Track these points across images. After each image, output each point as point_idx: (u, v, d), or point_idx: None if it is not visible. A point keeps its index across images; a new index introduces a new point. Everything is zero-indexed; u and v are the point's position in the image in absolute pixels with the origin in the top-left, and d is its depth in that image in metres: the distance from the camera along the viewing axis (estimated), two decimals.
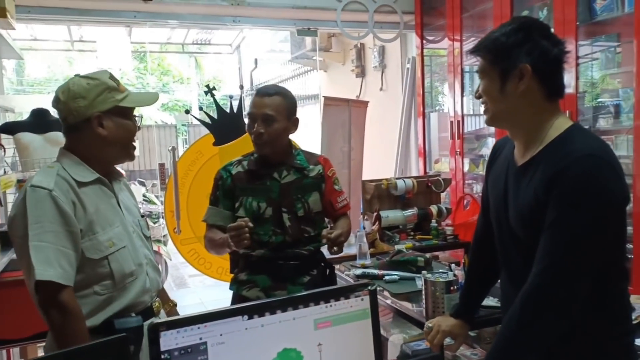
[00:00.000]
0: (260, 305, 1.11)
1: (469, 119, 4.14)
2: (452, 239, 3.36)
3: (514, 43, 1.23)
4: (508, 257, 1.37)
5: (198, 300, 5.30)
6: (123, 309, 1.49)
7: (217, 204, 1.96)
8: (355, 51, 5.73)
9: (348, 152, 3.76)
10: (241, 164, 1.99)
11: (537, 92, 1.25)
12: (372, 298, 1.20)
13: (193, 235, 3.90)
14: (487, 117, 1.34)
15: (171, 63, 17.19)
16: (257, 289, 1.92)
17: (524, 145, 1.31)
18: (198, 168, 3.93)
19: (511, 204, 1.31)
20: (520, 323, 1.19)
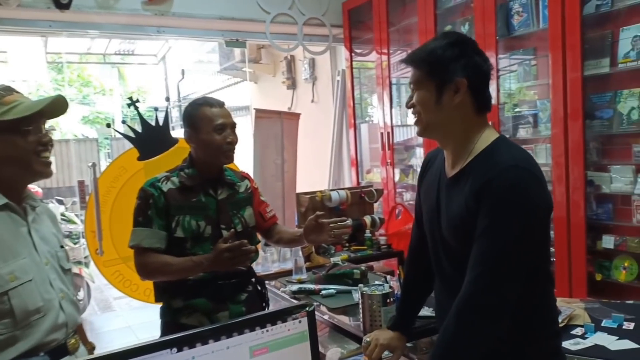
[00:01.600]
0: (191, 335, 1.03)
1: (398, 129, 4.22)
2: (385, 248, 3.40)
3: (450, 57, 1.26)
4: (441, 267, 1.38)
5: (125, 324, 5.02)
6: (30, 349, 1.34)
7: (151, 225, 1.78)
8: (285, 63, 5.71)
9: (281, 164, 3.70)
10: (170, 180, 1.83)
11: (469, 106, 1.28)
12: (310, 319, 1.15)
13: (117, 257, 3.68)
14: (419, 127, 1.35)
15: (92, 74, 16.39)
16: (198, 314, 1.81)
17: (454, 157, 1.33)
18: (121, 185, 3.71)
19: (443, 215, 1.33)
20: (457, 331, 1.19)
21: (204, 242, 1.81)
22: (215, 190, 1.88)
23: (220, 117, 1.83)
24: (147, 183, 1.83)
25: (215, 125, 1.81)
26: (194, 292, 1.81)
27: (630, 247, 2.50)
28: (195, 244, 1.80)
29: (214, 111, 1.84)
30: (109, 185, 3.66)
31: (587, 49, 2.63)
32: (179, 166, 1.89)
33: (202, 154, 1.84)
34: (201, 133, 1.81)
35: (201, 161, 1.85)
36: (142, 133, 3.72)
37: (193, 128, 1.83)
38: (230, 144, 1.85)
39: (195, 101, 1.90)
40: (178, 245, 1.79)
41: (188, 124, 1.85)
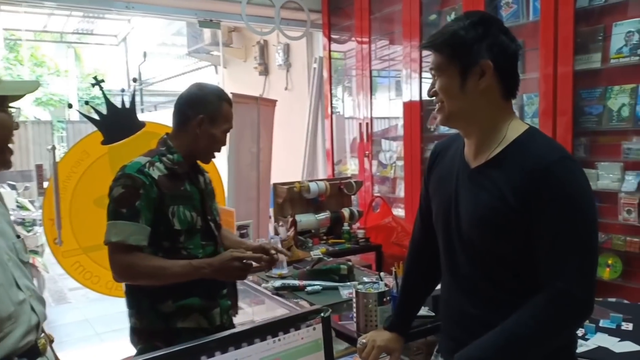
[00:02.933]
0: (193, 348, 0.88)
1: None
2: (364, 242, 3.30)
3: (474, 38, 1.16)
4: (455, 263, 1.29)
5: (82, 317, 4.75)
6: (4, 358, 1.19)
7: (138, 218, 1.53)
8: (258, 48, 5.50)
9: (257, 153, 3.54)
10: (155, 166, 1.61)
11: (496, 91, 1.19)
12: (325, 326, 1.03)
13: (77, 247, 3.43)
14: (441, 116, 1.26)
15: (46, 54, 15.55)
16: (195, 315, 1.64)
17: (478, 146, 1.24)
18: (83, 170, 3.45)
19: (464, 208, 1.23)
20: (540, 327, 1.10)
21: (195, 236, 1.66)
22: (197, 178, 1.75)
23: (231, 122, 1.74)
24: (132, 168, 1.59)
25: (227, 127, 1.72)
26: (185, 291, 1.62)
27: (615, 245, 2.49)
28: (188, 237, 1.64)
29: (230, 112, 1.73)
30: (70, 171, 3.40)
31: (578, 43, 2.59)
32: (157, 150, 1.68)
33: (199, 146, 1.69)
34: (215, 128, 1.68)
35: (189, 149, 1.69)
36: (107, 115, 3.46)
37: (210, 119, 1.66)
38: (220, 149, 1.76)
39: (216, 90, 1.74)
40: (173, 238, 1.61)
41: (207, 111, 1.66)
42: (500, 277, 1.19)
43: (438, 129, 3.44)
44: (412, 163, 3.54)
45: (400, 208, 3.76)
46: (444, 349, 1.36)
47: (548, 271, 1.11)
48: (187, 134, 1.68)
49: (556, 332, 1.11)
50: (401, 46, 3.68)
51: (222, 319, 1.71)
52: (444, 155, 1.36)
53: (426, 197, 1.42)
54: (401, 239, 3.18)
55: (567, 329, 1.14)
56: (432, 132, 3.48)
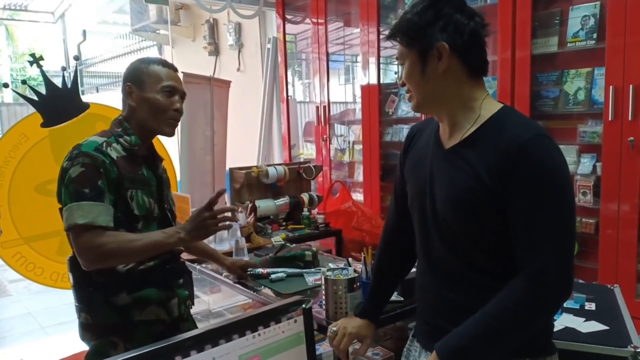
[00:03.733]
0: (168, 347, 0.79)
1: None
2: (324, 227, 3.24)
3: (426, 21, 1.15)
4: (430, 246, 1.26)
5: (24, 310, 4.47)
6: None
7: (102, 198, 1.42)
8: (207, 27, 5.28)
9: (211, 136, 3.40)
10: (112, 146, 1.50)
11: (459, 71, 1.16)
12: (306, 318, 0.96)
13: (18, 237, 3.20)
14: (412, 104, 1.24)
15: None
16: (153, 307, 1.53)
17: (452, 127, 1.21)
18: (22, 154, 3.21)
19: (439, 189, 1.20)
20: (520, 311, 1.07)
21: (152, 223, 1.55)
22: (155, 165, 1.64)
23: (171, 79, 1.58)
24: (89, 147, 1.45)
25: (163, 85, 1.55)
26: (140, 282, 1.52)
27: None
28: (146, 224, 1.53)
29: (166, 71, 1.58)
30: (7, 155, 3.16)
31: (535, 26, 2.62)
32: (112, 131, 1.56)
33: (142, 116, 1.56)
34: (146, 91, 1.54)
35: (140, 126, 1.57)
36: (47, 96, 3.22)
37: (137, 84, 1.55)
38: (177, 112, 1.58)
39: (148, 58, 1.64)
40: (130, 225, 1.49)
41: (132, 78, 1.57)
42: (476, 260, 1.17)
43: (396, 112, 3.42)
44: (370, 147, 3.52)
45: (359, 193, 3.73)
46: (420, 333, 1.33)
47: (525, 252, 1.09)
48: (128, 110, 1.58)
49: (536, 315, 1.10)
50: (357, 28, 3.62)
51: (180, 310, 1.63)
52: (419, 137, 1.33)
53: (401, 181, 1.38)
54: (361, 224, 3.15)
55: (547, 311, 1.12)
56: (391, 115, 3.46)
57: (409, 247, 1.44)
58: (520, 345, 1.13)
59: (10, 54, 14.67)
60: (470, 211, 1.13)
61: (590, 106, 2.48)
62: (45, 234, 3.19)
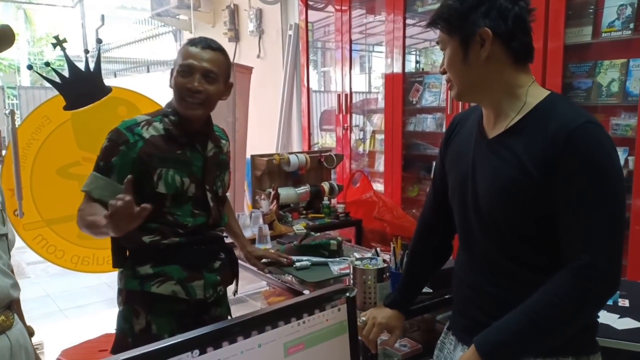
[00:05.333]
0: (216, 332, 0.78)
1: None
2: (344, 217, 3.22)
3: (469, 7, 1.11)
4: (471, 239, 1.23)
5: (43, 293, 4.51)
6: None
7: (109, 174, 1.50)
8: (228, 12, 5.25)
9: (233, 123, 3.38)
10: (152, 125, 1.54)
11: (503, 57, 1.12)
12: (349, 307, 0.94)
13: (39, 219, 3.21)
14: (453, 92, 1.20)
15: None
16: (171, 283, 1.55)
17: (496, 115, 1.17)
18: (45, 137, 3.21)
19: (482, 180, 1.16)
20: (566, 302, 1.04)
21: (186, 203, 1.56)
22: (204, 145, 1.62)
23: (189, 58, 1.52)
24: (124, 125, 1.54)
25: (180, 65, 1.53)
26: (166, 258, 1.55)
27: None
28: (176, 203, 1.55)
29: (191, 50, 1.53)
30: (30, 137, 3.15)
31: (569, 15, 2.55)
32: (162, 110, 1.60)
33: (174, 98, 1.57)
34: (174, 72, 1.56)
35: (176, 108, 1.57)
36: (70, 79, 3.21)
37: (174, 66, 1.58)
38: (189, 91, 1.51)
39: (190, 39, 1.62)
40: (157, 202, 1.50)
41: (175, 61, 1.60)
42: (520, 253, 1.13)
43: (420, 102, 3.37)
44: (393, 137, 3.47)
45: (379, 183, 3.70)
46: (457, 327, 1.30)
47: (572, 245, 1.05)
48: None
49: (582, 310, 1.06)
50: (380, 16, 3.57)
51: (206, 293, 1.62)
52: (462, 127, 1.30)
53: (441, 171, 1.35)
54: (382, 214, 3.13)
55: (593, 306, 1.09)
56: (415, 105, 3.41)
57: (445, 239, 1.42)
58: (564, 342, 1.10)
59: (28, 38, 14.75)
60: (515, 203, 1.09)
61: (624, 98, 2.41)
62: (66, 216, 3.19)
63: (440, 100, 3.29)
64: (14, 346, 1.20)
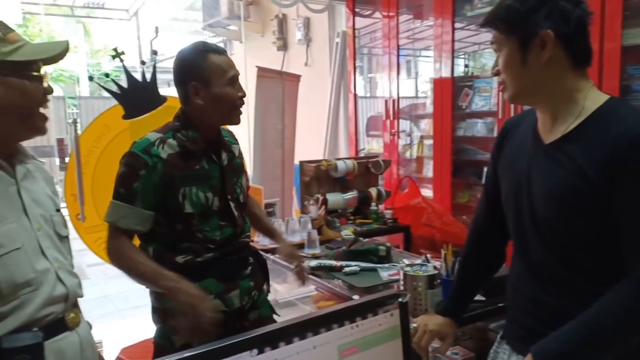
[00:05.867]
0: (273, 333, 0.81)
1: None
2: (391, 223, 3.21)
3: (530, 7, 1.08)
4: (527, 247, 1.21)
5: (102, 293, 4.73)
6: (21, 327, 1.14)
7: (133, 201, 1.45)
8: (277, 22, 5.36)
9: (281, 130, 3.45)
10: (167, 143, 1.49)
11: (563, 61, 1.10)
12: (402, 312, 0.95)
13: (100, 223, 3.36)
14: (507, 95, 1.18)
15: (55, 29, 15.38)
16: (210, 298, 1.53)
17: (552, 120, 1.15)
18: (105, 145, 3.38)
19: (539, 186, 1.14)
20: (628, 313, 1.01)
21: (212, 217, 1.55)
22: (218, 154, 1.60)
23: (231, 67, 1.54)
24: (138, 147, 1.48)
25: (229, 77, 1.51)
26: (201, 274, 1.52)
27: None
28: (203, 219, 1.52)
29: (224, 60, 1.53)
30: (92, 145, 3.33)
31: (627, 15, 2.46)
32: (171, 126, 1.54)
33: (211, 113, 1.53)
34: (213, 86, 1.50)
35: (205, 120, 1.54)
36: (128, 89, 3.37)
37: (202, 81, 1.50)
38: (242, 99, 1.56)
39: (195, 47, 1.54)
40: (186, 221, 1.51)
41: (195, 76, 1.50)
42: (579, 262, 1.11)
43: (470, 106, 3.33)
44: (442, 142, 3.44)
45: (428, 189, 3.67)
46: (511, 336, 1.28)
47: (634, 255, 1.02)
48: (194, 107, 1.53)
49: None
50: (427, 20, 3.55)
51: (242, 301, 1.62)
52: (515, 132, 1.27)
53: (493, 177, 1.33)
54: (432, 220, 3.10)
55: None
56: (464, 109, 3.37)
57: (498, 246, 1.40)
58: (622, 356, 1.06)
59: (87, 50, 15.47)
60: (574, 210, 1.07)
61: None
62: None
63: (491, 104, 3.24)
64: (82, 342, 1.28)
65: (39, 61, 1.19)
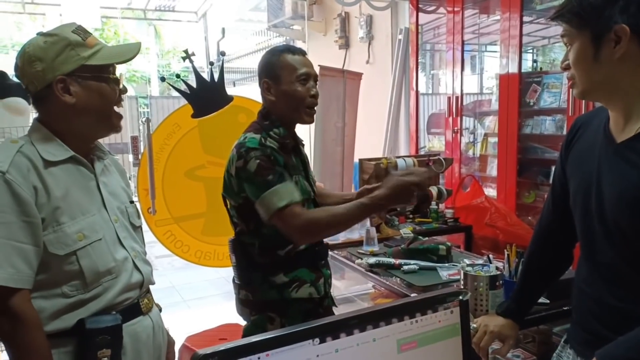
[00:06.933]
0: (334, 324, 0.83)
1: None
2: (452, 222, 3.16)
3: (604, 1, 1.03)
4: (594, 249, 1.17)
5: (169, 284, 4.96)
6: (101, 310, 1.24)
7: (285, 178, 1.51)
8: (339, 20, 5.39)
9: (342, 128, 3.48)
10: (267, 140, 1.56)
11: (638, 57, 1.04)
12: (462, 310, 0.94)
13: (169, 216, 3.54)
14: (576, 90, 1.14)
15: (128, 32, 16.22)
16: (306, 286, 1.62)
17: (626, 118, 1.10)
18: (175, 142, 3.55)
19: (609, 187, 1.10)
20: None
21: (310, 205, 1.64)
22: (299, 149, 1.71)
23: (304, 66, 1.60)
24: (253, 143, 1.53)
25: (298, 74, 1.58)
26: (296, 263, 1.62)
27: None
28: (308, 207, 1.61)
29: (297, 59, 1.61)
30: (163, 143, 3.50)
31: None
32: (261, 125, 1.62)
33: (282, 109, 1.61)
34: (282, 83, 1.59)
35: (282, 117, 1.62)
36: (197, 89, 3.52)
37: (273, 78, 1.60)
38: (314, 98, 1.62)
39: (275, 48, 1.67)
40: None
41: (267, 74, 1.61)
42: None
43: (538, 103, 3.21)
44: (507, 140, 3.34)
45: (491, 188, 3.58)
46: (576, 341, 1.24)
47: None
48: (270, 104, 1.63)
49: None
50: (494, 15, 3.46)
51: (325, 288, 1.70)
52: (585, 130, 1.23)
53: (561, 177, 1.29)
54: (495, 221, 3.02)
55: None
56: (532, 106, 3.26)
57: (565, 248, 1.36)
58: None
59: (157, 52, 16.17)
60: None
61: None
62: (192, 215, 3.50)
63: (560, 101, 3.11)
64: (155, 326, 1.37)
65: (115, 63, 1.29)
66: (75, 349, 1.20)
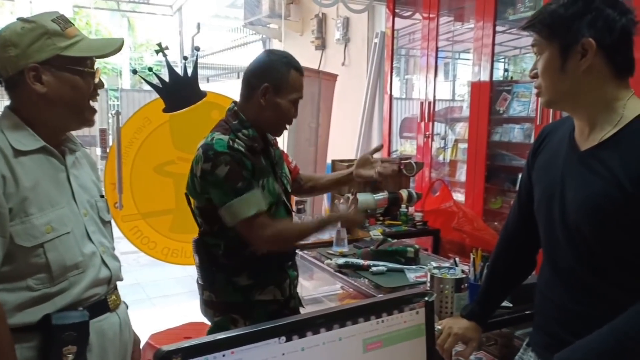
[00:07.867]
0: (301, 322, 0.83)
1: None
2: (421, 225, 3.20)
3: (573, 14, 1.07)
4: (557, 255, 1.20)
5: (134, 281, 4.86)
6: (68, 306, 1.21)
7: (253, 186, 1.52)
8: (316, 21, 5.40)
9: (316, 128, 3.48)
10: (236, 141, 1.54)
11: (603, 69, 1.08)
12: (428, 311, 0.96)
13: (136, 212, 3.48)
14: (542, 99, 1.18)
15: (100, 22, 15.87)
16: (271, 288, 1.62)
17: (590, 127, 1.13)
18: (145, 136, 3.48)
19: (572, 194, 1.13)
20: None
21: (279, 207, 1.63)
22: (269, 151, 1.69)
23: (301, 90, 1.63)
24: (221, 146, 1.51)
25: (296, 97, 1.61)
26: (260, 265, 1.60)
27: None
28: (276, 209, 1.61)
29: (300, 81, 1.62)
30: (132, 136, 3.44)
31: None
32: (229, 124, 1.60)
33: (266, 117, 1.60)
34: (280, 96, 1.58)
35: (256, 121, 1.61)
36: (169, 83, 3.46)
37: (275, 87, 1.57)
38: (292, 121, 1.66)
39: (285, 57, 1.62)
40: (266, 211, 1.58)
41: (271, 80, 1.57)
42: (609, 271, 1.10)
43: (508, 111, 3.28)
44: (477, 146, 3.40)
45: (460, 193, 3.63)
46: (537, 344, 1.27)
47: None
48: (252, 105, 1.60)
49: None
50: (468, 23, 3.52)
51: (290, 290, 1.70)
52: (552, 138, 1.27)
53: (527, 183, 1.33)
54: (462, 225, 3.07)
55: None
56: (502, 114, 3.33)
57: (529, 253, 1.39)
58: None
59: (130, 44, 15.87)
60: (606, 219, 1.06)
61: None
62: (160, 211, 3.44)
63: (529, 110, 3.19)
64: (122, 323, 1.34)
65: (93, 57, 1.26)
66: (39, 345, 1.17)
